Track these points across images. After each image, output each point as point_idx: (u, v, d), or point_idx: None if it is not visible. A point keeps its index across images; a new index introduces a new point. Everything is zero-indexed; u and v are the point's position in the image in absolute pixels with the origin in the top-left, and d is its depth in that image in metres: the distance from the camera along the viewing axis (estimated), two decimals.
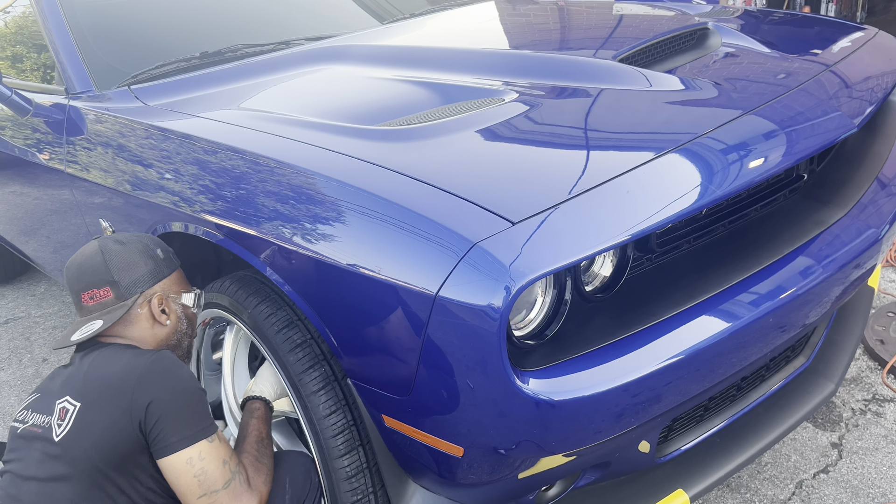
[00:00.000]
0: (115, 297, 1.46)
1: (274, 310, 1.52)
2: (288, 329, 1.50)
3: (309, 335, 1.50)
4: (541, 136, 1.41)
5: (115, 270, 1.46)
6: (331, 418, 1.46)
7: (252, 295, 1.57)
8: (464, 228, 1.15)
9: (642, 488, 1.50)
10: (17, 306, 3.69)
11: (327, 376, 1.47)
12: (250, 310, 1.55)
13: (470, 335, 1.13)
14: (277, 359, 1.51)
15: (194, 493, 1.29)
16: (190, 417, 1.31)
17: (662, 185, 1.26)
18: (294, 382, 1.48)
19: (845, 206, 1.59)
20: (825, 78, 1.66)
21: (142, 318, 1.48)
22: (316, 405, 1.46)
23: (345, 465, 1.48)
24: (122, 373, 1.33)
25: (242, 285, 1.61)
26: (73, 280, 1.49)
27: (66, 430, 1.30)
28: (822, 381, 1.76)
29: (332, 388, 1.47)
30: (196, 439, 1.30)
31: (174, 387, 1.32)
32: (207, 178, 1.55)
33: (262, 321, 1.52)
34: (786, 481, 2.06)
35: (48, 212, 2.40)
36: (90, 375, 1.35)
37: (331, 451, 1.47)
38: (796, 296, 1.38)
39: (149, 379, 1.31)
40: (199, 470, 1.29)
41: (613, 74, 1.61)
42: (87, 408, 1.31)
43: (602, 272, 1.33)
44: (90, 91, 2.06)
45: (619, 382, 1.19)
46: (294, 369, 1.47)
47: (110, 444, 1.29)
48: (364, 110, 1.60)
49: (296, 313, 1.52)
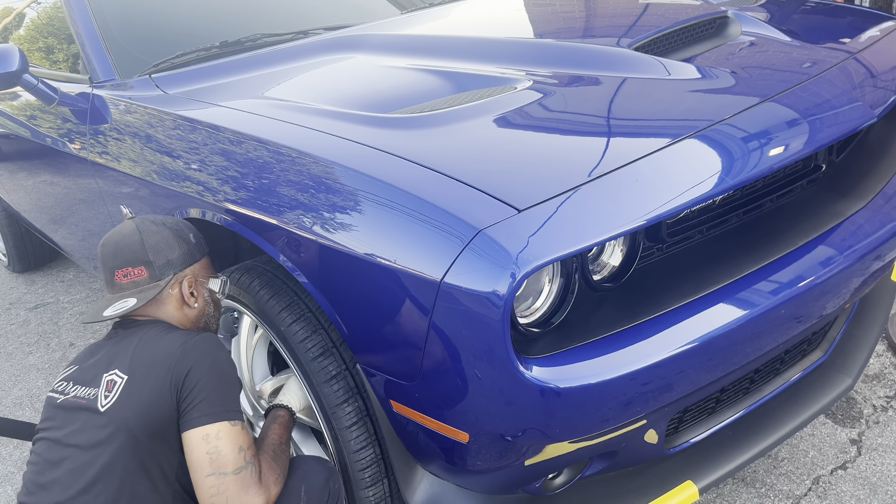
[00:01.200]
0: (148, 277, 1.51)
1: (309, 333, 1.53)
2: (323, 357, 1.51)
3: (344, 366, 1.51)
4: (552, 124, 1.41)
5: (151, 251, 1.51)
6: (360, 453, 1.51)
7: (276, 299, 1.58)
8: (469, 215, 1.16)
9: (650, 479, 1.49)
10: (46, 292, 3.78)
11: (350, 390, 1.50)
12: (284, 328, 1.56)
13: (474, 322, 1.14)
14: (301, 370, 1.54)
15: (204, 469, 1.31)
16: (218, 397, 1.34)
17: (672, 173, 1.25)
18: (317, 393, 1.51)
19: (865, 197, 1.56)
20: (845, 67, 1.63)
21: (172, 299, 1.53)
22: (339, 417, 1.49)
23: (365, 476, 1.52)
24: (168, 347, 1.38)
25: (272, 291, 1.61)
26: (109, 257, 1.53)
27: (113, 401, 1.35)
28: (839, 375, 1.74)
29: (355, 400, 1.50)
30: (218, 419, 1.33)
31: (212, 364, 1.37)
32: (222, 165, 1.57)
33: (291, 336, 1.54)
34: (802, 477, 2.03)
35: (76, 201, 2.46)
36: (139, 351, 1.40)
37: (354, 464, 1.51)
38: (809, 288, 1.36)
39: (192, 353, 1.36)
40: (212, 448, 1.31)
41: (629, 63, 1.60)
42: (133, 379, 1.36)
43: (611, 261, 1.33)
44: (113, 79, 2.10)
45: (625, 371, 1.18)
46: (317, 379, 1.51)
47: (151, 414, 1.33)
48: (378, 98, 1.61)
49: (320, 322, 1.54)
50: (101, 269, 1.55)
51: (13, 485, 2.37)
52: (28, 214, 3.20)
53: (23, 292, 3.81)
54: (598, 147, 1.30)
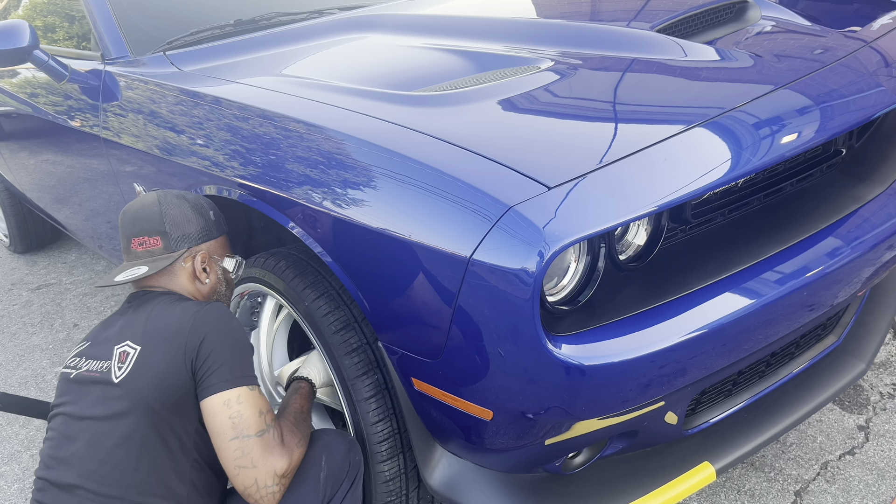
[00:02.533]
0: (163, 248, 1.51)
1: (332, 308, 1.54)
2: (344, 331, 1.52)
3: (365, 340, 1.52)
4: (576, 104, 1.40)
5: (169, 222, 1.52)
6: (378, 426, 1.51)
7: (310, 287, 1.59)
8: (499, 192, 1.15)
9: (668, 459, 1.50)
10: (48, 273, 3.76)
11: (370, 364, 1.51)
12: (308, 303, 1.57)
13: (503, 299, 1.14)
14: (326, 349, 1.55)
15: (227, 434, 1.31)
16: (235, 363, 1.35)
17: (698, 154, 1.25)
18: (338, 365, 1.52)
19: (884, 182, 1.57)
20: (866, 53, 1.63)
21: (184, 272, 1.54)
22: (358, 388, 1.50)
23: (384, 459, 1.53)
24: (179, 317, 1.38)
25: (298, 272, 1.62)
26: (128, 225, 1.54)
27: (127, 372, 1.35)
28: (853, 360, 1.75)
29: (374, 373, 1.51)
30: (237, 384, 1.33)
31: (225, 331, 1.37)
32: (244, 143, 1.56)
33: (315, 311, 1.55)
34: (811, 462, 2.05)
35: (81, 179, 2.44)
36: (151, 321, 1.40)
37: (371, 437, 1.52)
38: (831, 271, 1.37)
39: (204, 321, 1.36)
40: (234, 412, 1.32)
41: (650, 44, 1.60)
42: (146, 350, 1.36)
43: (636, 241, 1.33)
44: (126, 57, 2.08)
45: (651, 350, 1.19)
46: (338, 351, 1.51)
47: (167, 385, 1.33)
48: (398, 78, 1.60)
49: (342, 299, 1.54)
50: (121, 237, 1.56)
51: (20, 463, 2.37)
52: (31, 194, 3.18)
53: (25, 273, 3.79)
54: (626, 126, 1.30)
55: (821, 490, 1.96)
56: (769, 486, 1.99)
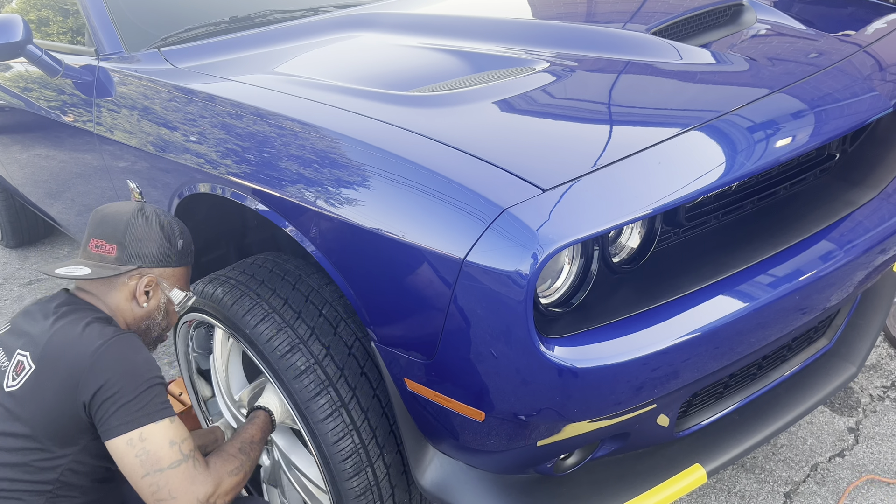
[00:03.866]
0: (115, 258, 1.48)
1: (274, 332, 1.53)
2: (290, 354, 1.51)
3: (313, 360, 1.50)
4: (571, 106, 1.40)
5: (130, 236, 1.49)
6: (339, 444, 1.50)
7: (248, 313, 1.57)
8: (493, 194, 1.15)
9: (660, 461, 1.50)
10: (40, 268, 3.74)
11: (321, 383, 1.50)
12: (249, 331, 1.55)
13: (496, 301, 1.14)
14: (274, 374, 1.54)
15: (138, 472, 1.29)
16: (136, 403, 1.31)
17: (692, 158, 1.26)
18: (289, 390, 1.52)
19: (877, 187, 1.57)
20: (861, 58, 1.64)
21: (125, 289, 1.50)
22: (313, 410, 1.49)
23: (353, 486, 1.53)
24: (79, 351, 1.33)
25: (235, 298, 1.61)
26: (95, 224, 1.52)
27: (18, 387, 1.34)
28: (844, 363, 1.75)
29: (327, 392, 1.49)
30: (139, 424, 1.30)
31: (124, 372, 1.32)
32: (233, 141, 1.56)
33: (257, 338, 1.54)
34: (801, 463, 2.06)
35: (74, 174, 2.43)
36: (52, 342, 1.35)
37: (333, 456, 1.51)
38: (823, 275, 1.37)
39: (102, 362, 1.31)
40: (139, 450, 1.29)
41: (645, 47, 1.60)
42: (40, 374, 1.33)
43: (630, 244, 1.33)
44: (120, 52, 2.07)
45: (643, 353, 1.19)
46: (286, 376, 1.51)
47: (53, 417, 1.32)
48: (393, 77, 1.60)
49: (284, 320, 1.54)
50: (85, 231, 1.54)
51: None
52: (23, 189, 3.17)
53: (16, 268, 3.77)
54: (620, 129, 1.30)
55: (810, 492, 1.97)
56: (759, 487, 2.00)
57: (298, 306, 1.57)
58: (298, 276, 1.65)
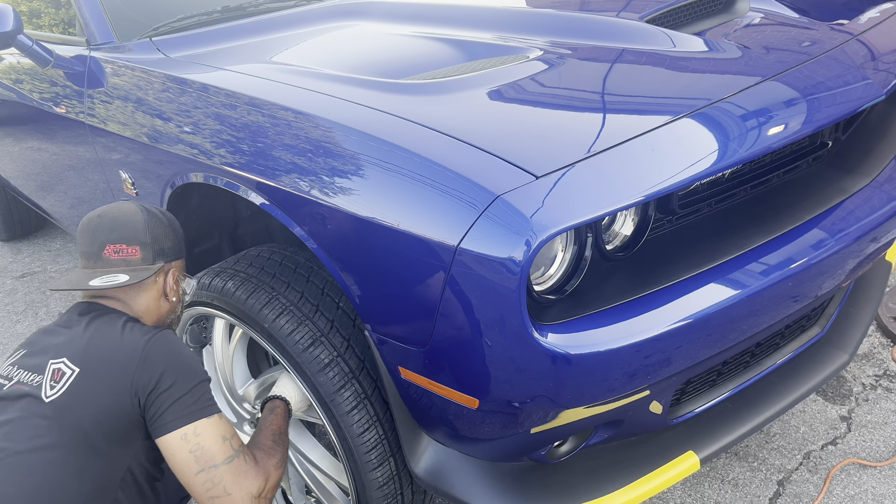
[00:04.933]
0: (141, 259, 1.46)
1: (295, 325, 1.51)
2: (313, 348, 1.50)
3: (336, 353, 1.50)
4: (564, 93, 1.40)
5: (151, 234, 1.47)
6: (364, 435, 1.50)
7: (266, 306, 1.56)
8: (487, 181, 1.15)
9: (653, 448, 1.51)
10: (33, 261, 3.73)
11: (346, 375, 1.50)
12: (268, 325, 1.54)
13: (489, 288, 1.14)
14: (297, 368, 1.53)
15: (192, 469, 1.27)
16: (189, 398, 1.30)
17: (685, 145, 1.26)
18: (312, 384, 1.51)
19: (869, 175, 1.58)
20: (854, 46, 1.64)
21: (153, 289, 1.49)
22: (338, 403, 1.49)
23: (377, 476, 1.53)
24: (127, 347, 1.32)
25: (250, 291, 1.59)
26: (104, 230, 1.45)
27: (60, 394, 1.28)
28: (836, 351, 1.76)
29: (351, 384, 1.50)
30: (193, 418, 1.29)
31: (177, 365, 1.32)
32: (227, 130, 1.55)
33: (277, 332, 1.53)
34: (794, 452, 2.07)
35: (66, 167, 2.41)
36: (93, 343, 1.33)
37: (358, 448, 1.51)
38: (816, 262, 1.37)
39: (155, 355, 1.31)
40: (194, 445, 1.28)
41: (639, 35, 1.60)
42: (86, 376, 1.29)
43: (623, 231, 1.33)
44: (111, 42, 2.06)
45: (636, 340, 1.19)
46: (310, 369, 1.50)
47: (109, 418, 1.28)
48: (387, 66, 1.60)
49: (304, 314, 1.53)
50: (86, 241, 1.46)
51: None
52: (15, 181, 3.15)
53: (9, 261, 3.75)
54: (613, 116, 1.31)
55: (803, 479, 1.98)
56: (752, 475, 2.01)
57: (316, 299, 1.56)
58: (311, 268, 1.64)
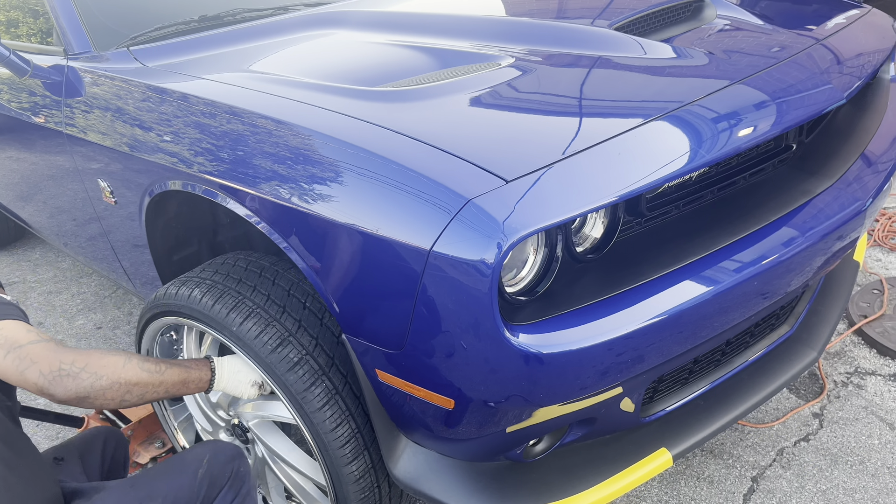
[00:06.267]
0: None
1: (262, 327, 1.54)
2: (281, 348, 1.52)
3: (304, 351, 1.52)
4: (535, 100, 1.44)
5: None
6: (337, 430, 1.52)
7: (233, 311, 1.58)
8: (458, 185, 1.18)
9: (627, 446, 1.54)
10: (12, 271, 3.70)
11: (315, 373, 1.51)
12: (235, 329, 1.56)
13: (462, 290, 1.16)
14: (266, 369, 1.54)
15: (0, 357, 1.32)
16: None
17: (653, 148, 1.29)
18: (283, 383, 1.52)
19: (832, 177, 1.62)
20: (816, 51, 1.69)
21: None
22: (309, 400, 1.50)
23: (352, 469, 1.54)
24: None
25: (217, 297, 1.61)
26: None
27: None
28: (805, 349, 1.81)
29: (322, 381, 1.51)
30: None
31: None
32: (208, 139, 1.57)
33: (245, 335, 1.54)
34: (767, 448, 2.11)
35: (45, 177, 2.41)
36: None
37: (332, 443, 1.52)
38: (781, 261, 1.41)
39: None
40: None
41: (609, 42, 1.64)
42: None
43: (593, 233, 1.37)
44: (89, 52, 2.07)
45: (607, 338, 1.22)
46: (279, 369, 1.52)
47: None
48: (361, 74, 1.62)
49: (271, 315, 1.55)
50: None
51: None
52: None
53: None
54: (583, 121, 1.34)
55: (776, 476, 2.02)
56: (727, 472, 2.05)
57: (282, 300, 1.59)
58: (276, 271, 1.67)
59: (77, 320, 3.20)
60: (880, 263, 2.97)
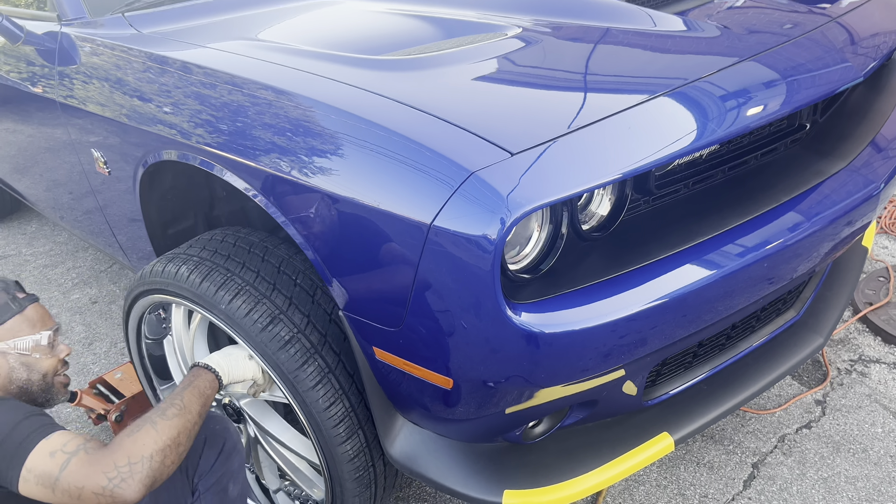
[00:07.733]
0: None
1: (252, 305, 1.49)
2: (272, 326, 1.48)
3: (296, 329, 1.48)
4: (542, 71, 1.39)
5: None
6: (330, 410, 1.49)
7: (221, 288, 1.54)
8: (462, 157, 1.14)
9: (628, 430, 1.51)
10: (7, 244, 3.67)
11: (307, 351, 1.48)
12: (224, 307, 1.52)
13: (463, 267, 1.12)
14: (257, 348, 1.50)
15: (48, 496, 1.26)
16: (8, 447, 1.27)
17: (662, 124, 1.25)
18: (274, 362, 1.48)
19: (845, 158, 1.58)
20: (833, 28, 1.63)
21: None
22: (301, 379, 1.47)
23: (347, 450, 1.52)
24: None
25: (205, 275, 1.57)
26: None
27: None
28: (811, 334, 1.77)
29: (314, 359, 1.47)
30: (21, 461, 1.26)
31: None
32: (206, 110, 1.52)
33: (234, 313, 1.50)
34: (769, 435, 2.09)
35: (41, 148, 2.37)
36: None
37: (326, 422, 1.49)
38: (791, 244, 1.37)
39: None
40: (34, 476, 1.25)
41: (619, 13, 1.59)
42: None
43: (599, 211, 1.33)
44: (83, 17, 2.02)
45: (611, 319, 1.19)
46: (270, 348, 1.48)
47: None
48: (365, 42, 1.57)
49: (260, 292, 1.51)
50: None
51: None
52: None
53: None
54: (591, 94, 1.29)
55: (777, 462, 2.00)
56: (728, 458, 2.02)
57: (272, 277, 1.55)
58: (266, 247, 1.63)
59: (73, 294, 3.17)
60: (886, 251, 2.93)
